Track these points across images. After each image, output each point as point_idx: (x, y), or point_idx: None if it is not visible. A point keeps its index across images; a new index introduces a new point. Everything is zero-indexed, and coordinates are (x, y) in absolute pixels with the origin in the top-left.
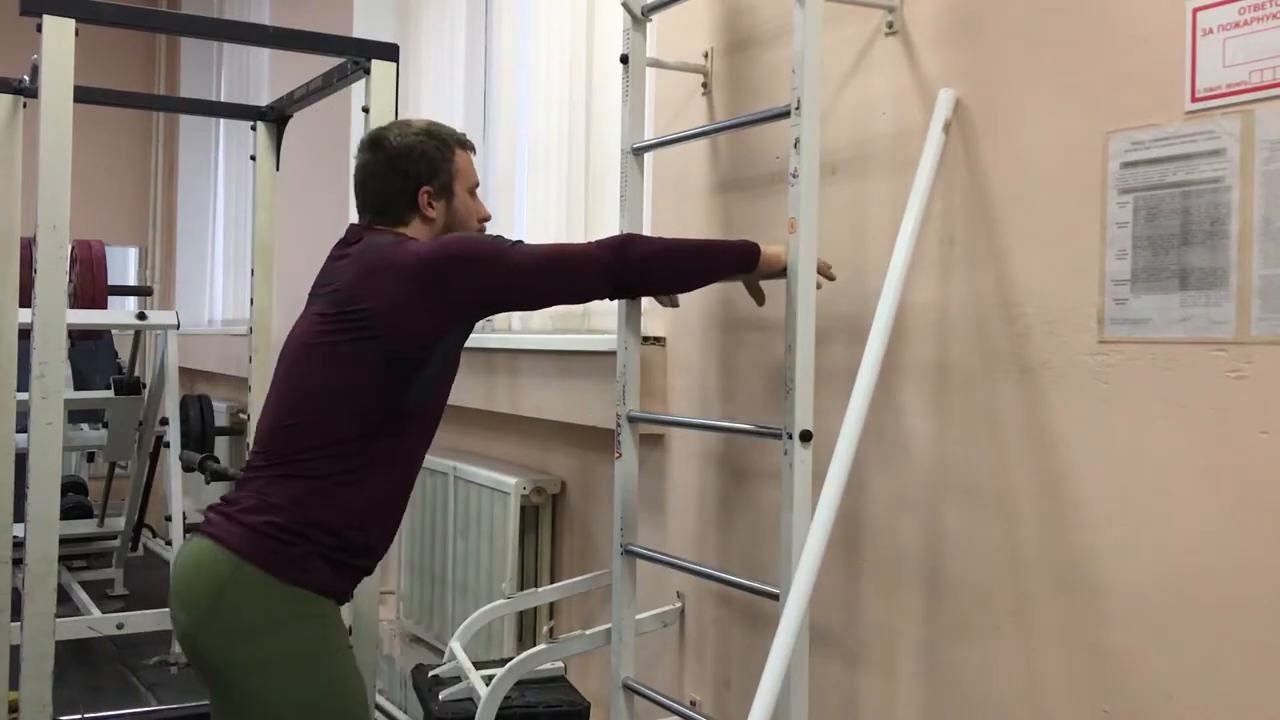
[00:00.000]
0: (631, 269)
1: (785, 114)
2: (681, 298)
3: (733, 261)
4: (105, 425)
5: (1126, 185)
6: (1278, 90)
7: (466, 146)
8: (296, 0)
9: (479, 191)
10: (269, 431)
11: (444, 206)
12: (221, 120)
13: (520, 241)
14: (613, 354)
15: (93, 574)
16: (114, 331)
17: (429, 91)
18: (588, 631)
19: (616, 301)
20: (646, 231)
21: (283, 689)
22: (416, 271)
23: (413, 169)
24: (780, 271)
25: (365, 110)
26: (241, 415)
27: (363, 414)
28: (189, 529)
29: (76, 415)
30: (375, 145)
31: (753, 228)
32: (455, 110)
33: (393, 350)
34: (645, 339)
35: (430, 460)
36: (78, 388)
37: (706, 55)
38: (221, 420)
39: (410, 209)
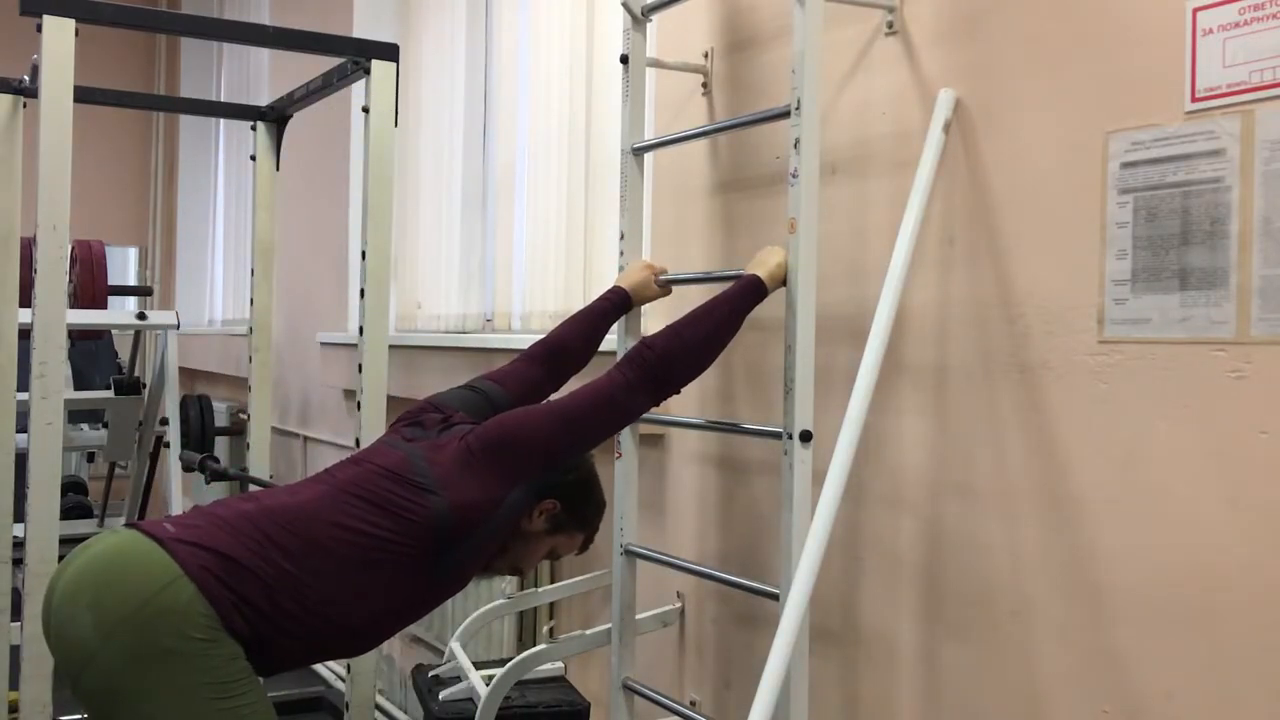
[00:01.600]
0: (659, 370)
1: (785, 114)
2: (679, 298)
3: (742, 305)
4: (105, 425)
5: (1126, 185)
6: (1278, 90)
7: (588, 543)
8: (296, 0)
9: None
10: (291, 505)
11: (542, 526)
12: (221, 120)
13: (550, 406)
14: (612, 354)
15: None
16: (114, 331)
17: (429, 91)
18: (588, 631)
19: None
20: (646, 232)
21: None
22: (475, 448)
23: (566, 480)
24: (784, 280)
25: (365, 110)
26: (241, 415)
27: (390, 559)
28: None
29: (76, 415)
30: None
31: (753, 228)
32: (455, 110)
33: (446, 505)
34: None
35: None
36: (78, 388)
37: (706, 55)
38: (221, 420)
39: (528, 490)
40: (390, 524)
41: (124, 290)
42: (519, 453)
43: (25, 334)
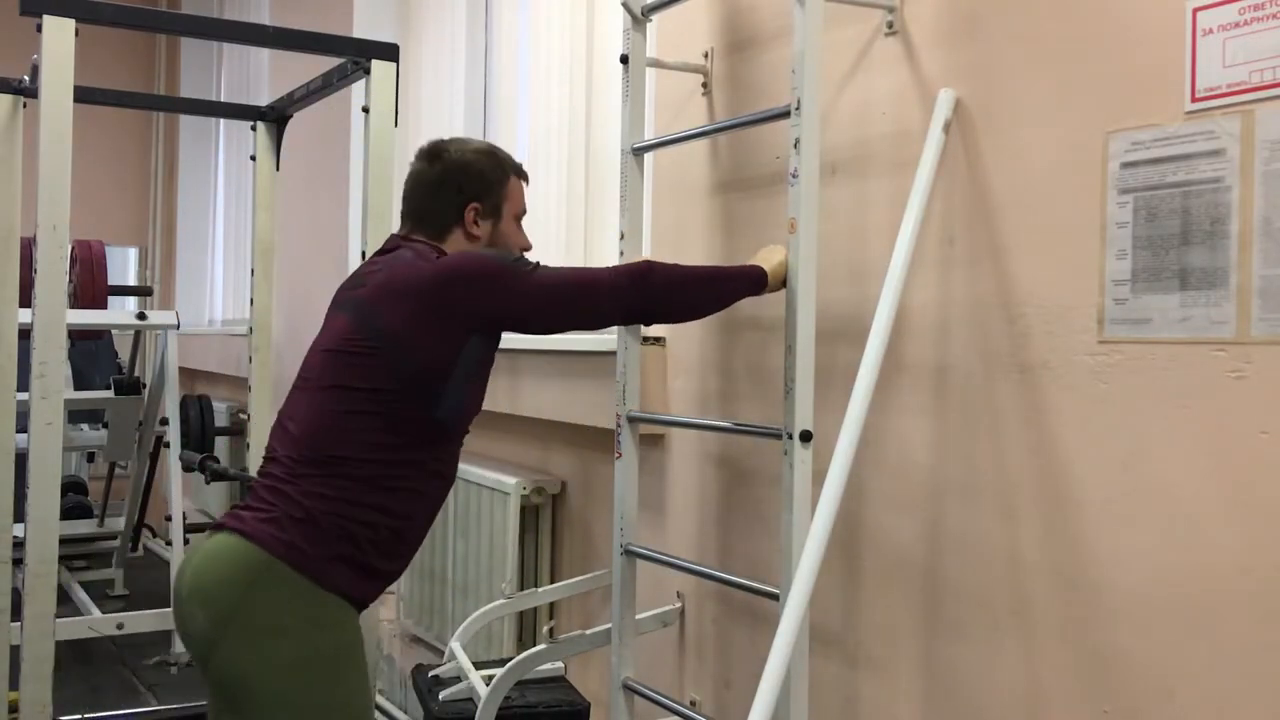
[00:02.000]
0: (648, 299)
1: (785, 114)
2: None
3: (743, 289)
4: (105, 425)
5: (1126, 185)
6: (1278, 90)
7: (521, 175)
8: (296, 0)
9: (524, 221)
10: (301, 435)
11: (489, 227)
12: (221, 120)
13: (539, 265)
14: (613, 354)
15: (93, 574)
16: (114, 331)
17: (429, 91)
18: (588, 631)
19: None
20: (646, 232)
21: (294, 696)
22: (427, 288)
23: (467, 184)
24: (785, 280)
25: (365, 110)
26: (241, 415)
27: (396, 422)
28: (197, 528)
29: (76, 415)
30: (433, 156)
31: (752, 228)
32: (455, 110)
33: (410, 365)
34: (645, 339)
35: None
36: (78, 388)
37: (706, 55)
38: (221, 420)
39: (455, 224)
40: (379, 380)
41: (124, 290)
42: (471, 302)
43: (25, 334)
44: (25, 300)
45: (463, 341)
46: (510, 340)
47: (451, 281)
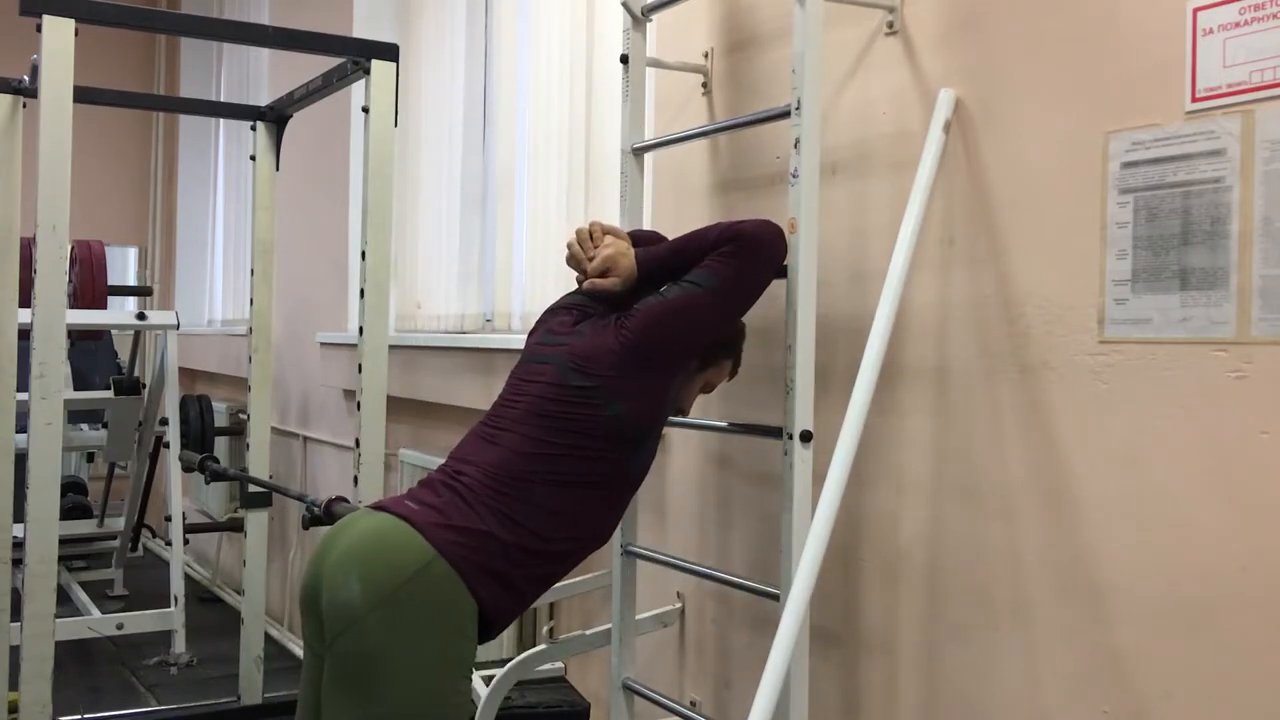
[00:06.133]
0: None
1: (785, 114)
2: None
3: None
4: (105, 425)
5: (1127, 185)
6: (1278, 90)
7: (737, 365)
8: (296, 0)
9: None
10: (502, 464)
11: (693, 368)
12: (221, 120)
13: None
14: None
15: (93, 574)
16: (114, 331)
17: (429, 91)
18: (588, 631)
19: None
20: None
21: (416, 696)
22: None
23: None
24: None
25: (365, 110)
26: (241, 415)
27: (597, 482)
28: (197, 528)
29: (76, 415)
30: None
31: None
32: (455, 110)
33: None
34: None
35: (428, 459)
36: (78, 388)
37: (706, 55)
38: (221, 420)
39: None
40: (585, 444)
41: (124, 290)
42: (685, 345)
43: (25, 334)
44: (25, 300)
45: (675, 377)
46: (511, 340)
47: (656, 342)
